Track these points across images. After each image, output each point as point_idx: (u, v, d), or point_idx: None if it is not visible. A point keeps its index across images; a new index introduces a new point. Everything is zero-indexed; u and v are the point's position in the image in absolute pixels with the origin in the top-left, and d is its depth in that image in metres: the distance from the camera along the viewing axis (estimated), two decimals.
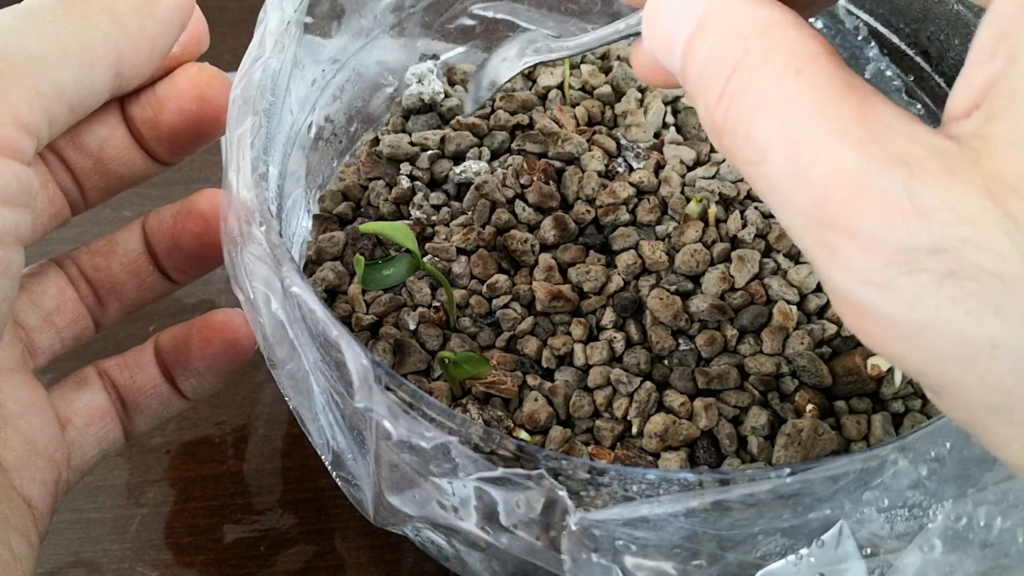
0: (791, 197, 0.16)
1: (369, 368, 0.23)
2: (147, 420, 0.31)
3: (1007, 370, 0.14)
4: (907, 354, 0.15)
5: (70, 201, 0.29)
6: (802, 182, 0.16)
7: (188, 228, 0.30)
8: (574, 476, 0.23)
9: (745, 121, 0.17)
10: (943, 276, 0.14)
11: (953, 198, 0.14)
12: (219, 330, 0.30)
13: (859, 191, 0.15)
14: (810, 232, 0.16)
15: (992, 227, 0.14)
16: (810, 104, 0.16)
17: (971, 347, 0.14)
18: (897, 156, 0.15)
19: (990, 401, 0.15)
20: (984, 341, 0.14)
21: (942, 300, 0.14)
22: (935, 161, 0.15)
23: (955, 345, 0.15)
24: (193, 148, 0.30)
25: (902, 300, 0.15)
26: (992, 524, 0.22)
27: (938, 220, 0.14)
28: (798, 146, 0.16)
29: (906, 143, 0.15)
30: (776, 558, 0.23)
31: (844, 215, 0.15)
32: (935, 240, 0.14)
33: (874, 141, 0.15)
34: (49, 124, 0.24)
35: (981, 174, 0.14)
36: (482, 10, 0.45)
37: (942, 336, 0.15)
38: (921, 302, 0.15)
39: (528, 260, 0.35)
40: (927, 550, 0.22)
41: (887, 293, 0.15)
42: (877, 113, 0.16)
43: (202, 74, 0.29)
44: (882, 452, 0.23)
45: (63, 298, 0.30)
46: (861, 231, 0.15)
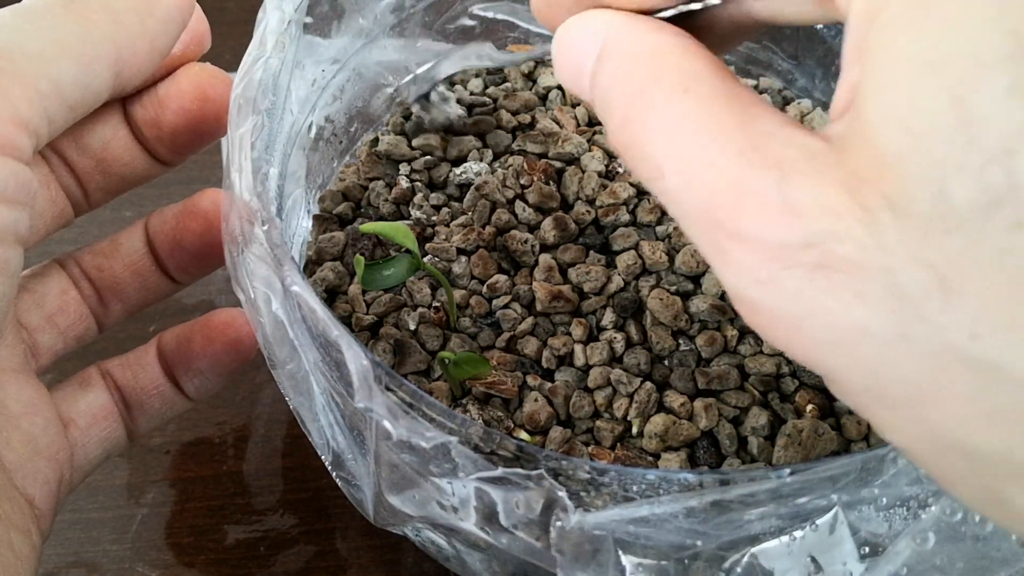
0: (685, 207, 0.18)
1: (369, 368, 0.23)
2: (150, 420, 0.31)
3: (875, 356, 0.15)
4: (793, 345, 0.16)
5: (72, 202, 0.29)
6: (692, 192, 0.17)
7: (190, 228, 0.30)
8: (574, 476, 0.23)
9: (642, 141, 0.18)
10: (814, 268, 0.15)
11: (820, 195, 0.15)
12: (221, 330, 0.30)
13: (740, 195, 0.16)
14: (703, 237, 0.17)
15: (852, 219, 0.15)
16: (695, 120, 0.17)
17: (843, 334, 0.15)
18: (772, 159, 0.16)
19: (866, 386, 0.16)
20: (853, 329, 0.15)
21: (816, 291, 0.15)
22: (805, 161, 0.16)
23: (830, 333, 0.15)
24: (195, 148, 0.30)
25: (783, 294, 0.16)
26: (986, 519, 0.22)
27: (807, 216, 0.15)
28: (687, 160, 0.17)
29: (781, 147, 0.16)
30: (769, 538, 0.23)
31: (729, 219, 0.16)
32: (806, 235, 0.15)
33: (752, 148, 0.17)
34: (48, 123, 0.24)
35: (843, 170, 0.15)
36: (482, 10, 0.45)
37: (819, 325, 0.16)
38: (799, 294, 0.16)
39: (528, 260, 0.35)
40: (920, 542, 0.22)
41: (770, 289, 0.16)
42: (757, 121, 0.17)
43: (204, 74, 0.29)
44: (882, 452, 0.23)
45: (65, 299, 0.30)
46: (744, 232, 0.16)
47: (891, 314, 0.15)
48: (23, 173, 0.23)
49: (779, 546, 0.22)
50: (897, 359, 0.15)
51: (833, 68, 0.41)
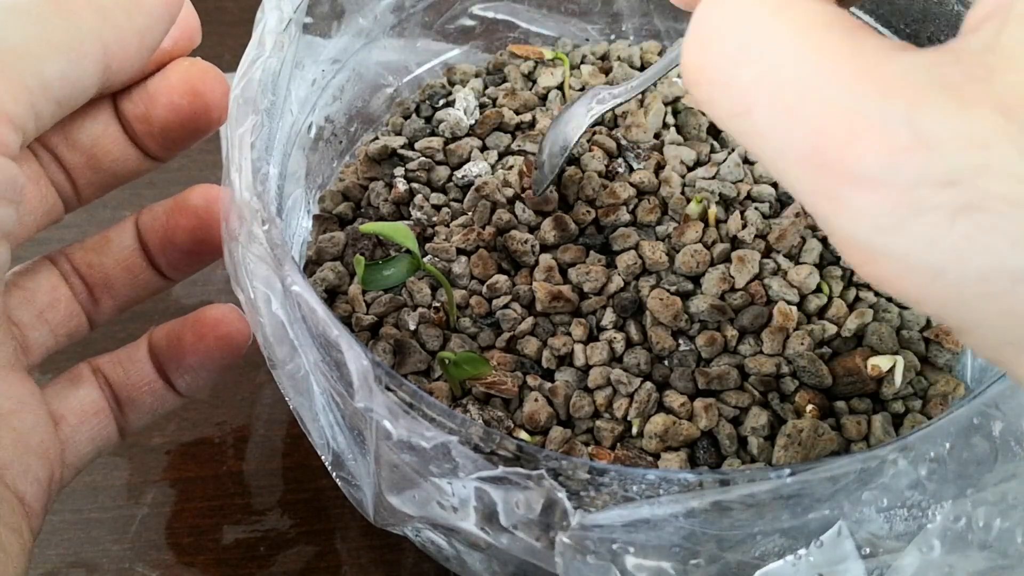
0: (783, 147, 0.15)
1: (369, 368, 0.23)
2: (141, 417, 0.31)
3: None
4: (926, 297, 0.14)
5: (63, 198, 0.29)
6: (793, 129, 0.15)
7: (181, 224, 0.30)
8: (574, 476, 0.23)
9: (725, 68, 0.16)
10: (956, 211, 0.13)
11: (961, 123, 0.13)
12: (212, 326, 0.30)
13: (855, 130, 0.14)
14: (808, 182, 0.15)
15: (1007, 149, 0.13)
16: (794, 44, 0.15)
17: (992, 284, 0.14)
18: (893, 87, 0.14)
19: (1014, 337, 0.14)
20: (1004, 276, 0.13)
21: (958, 238, 0.13)
22: (937, 86, 0.14)
23: (975, 284, 0.14)
24: (186, 143, 0.30)
25: (916, 242, 0.14)
26: (991, 525, 0.22)
27: (946, 150, 0.13)
28: (784, 91, 0.15)
29: (902, 72, 0.14)
30: (774, 558, 0.23)
31: (842, 159, 0.14)
32: (944, 172, 0.13)
33: (866, 74, 0.14)
34: (36, 118, 0.23)
35: (992, 91, 0.13)
36: (482, 10, 0.45)
37: (961, 276, 0.14)
38: (936, 243, 0.14)
39: (528, 261, 0.35)
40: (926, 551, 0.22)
41: (898, 237, 0.14)
42: (867, 45, 0.15)
43: (194, 69, 0.28)
44: (882, 452, 0.23)
45: (56, 295, 0.30)
46: (863, 174, 0.14)
47: None
48: (9, 168, 0.23)
49: (785, 566, 0.22)
50: None
51: None
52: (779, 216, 0.37)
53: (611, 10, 0.46)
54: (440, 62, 0.44)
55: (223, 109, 0.29)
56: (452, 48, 0.45)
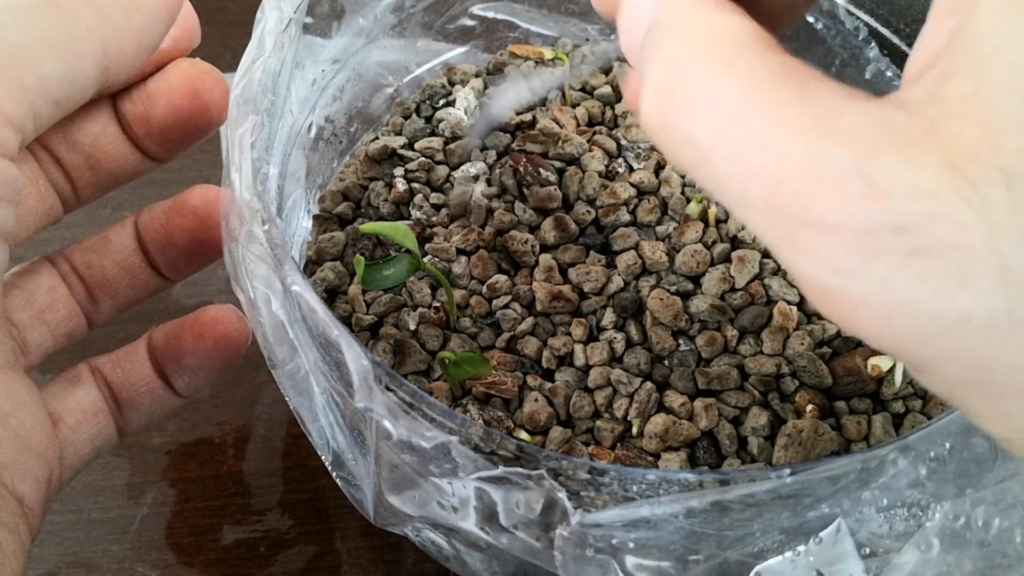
0: (743, 196, 0.16)
1: (369, 368, 0.23)
2: (140, 417, 0.31)
3: (978, 344, 0.14)
4: (881, 335, 0.15)
5: (62, 198, 0.29)
6: (751, 179, 0.16)
7: (180, 224, 0.30)
8: (574, 476, 0.23)
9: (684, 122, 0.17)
10: (908, 254, 0.14)
11: (909, 173, 0.14)
12: (211, 326, 0.30)
13: (810, 180, 0.15)
14: (768, 227, 0.16)
15: (954, 198, 0.13)
16: (746, 99, 0.16)
17: (942, 323, 0.14)
18: (844, 137, 0.15)
19: (967, 376, 0.15)
20: (954, 317, 0.14)
21: (910, 279, 0.14)
22: (886, 136, 0.14)
23: (927, 323, 0.14)
24: (185, 144, 0.30)
25: (871, 283, 0.14)
26: (990, 523, 0.22)
27: (896, 198, 0.14)
28: (740, 144, 0.16)
29: (853, 122, 0.15)
30: (774, 554, 0.23)
31: (799, 207, 0.15)
32: (895, 219, 0.14)
33: (818, 125, 0.15)
34: (34, 119, 0.23)
35: (938, 143, 0.14)
36: (482, 10, 0.45)
37: (914, 315, 0.14)
38: (890, 283, 0.14)
39: (528, 261, 0.35)
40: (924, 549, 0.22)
41: (855, 278, 0.15)
42: (818, 95, 0.15)
43: (193, 69, 0.28)
44: (882, 452, 0.23)
45: (55, 295, 0.30)
46: (819, 220, 0.15)
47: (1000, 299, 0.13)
48: (8, 169, 0.23)
49: (783, 562, 0.22)
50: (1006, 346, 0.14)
51: (833, 68, 0.41)
52: None
53: None
54: (440, 62, 0.44)
55: (222, 109, 0.29)
56: (452, 48, 0.45)
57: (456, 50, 0.45)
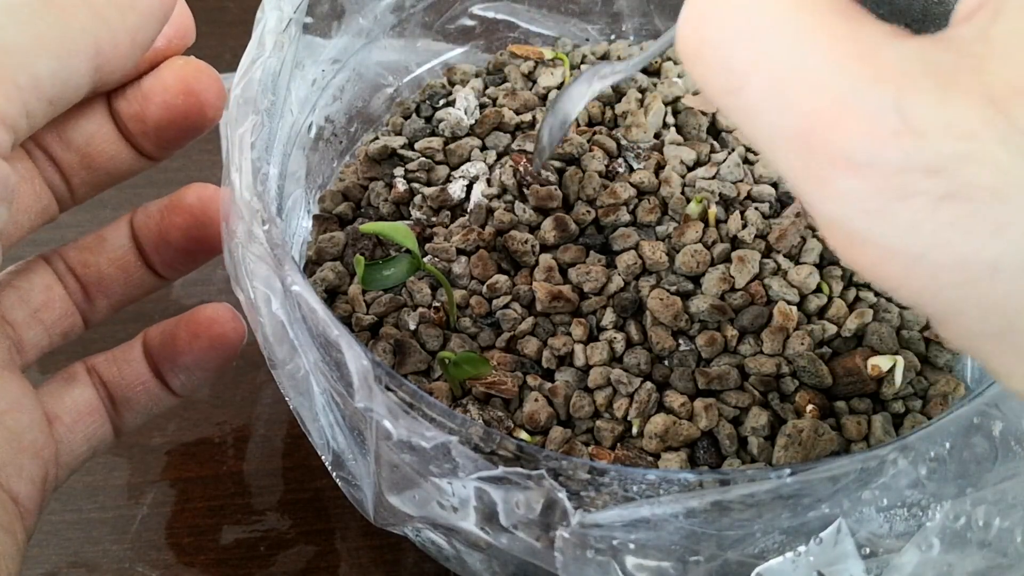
0: (773, 127, 0.15)
1: (369, 368, 0.23)
2: (136, 416, 0.31)
3: (1008, 294, 0.14)
4: (905, 283, 0.15)
5: (57, 197, 0.29)
6: (784, 109, 0.15)
7: (175, 223, 0.30)
8: (574, 476, 0.23)
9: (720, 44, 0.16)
10: (940, 198, 0.13)
11: (948, 112, 0.13)
12: (206, 325, 0.30)
13: (845, 113, 0.14)
14: (796, 162, 0.15)
15: (992, 139, 0.13)
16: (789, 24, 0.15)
17: (971, 272, 0.14)
18: (885, 73, 0.14)
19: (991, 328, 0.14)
20: (984, 264, 0.13)
21: (939, 224, 0.14)
22: (928, 74, 0.14)
23: (954, 271, 0.14)
24: (180, 142, 0.29)
25: (897, 227, 0.14)
26: (990, 523, 0.22)
27: (932, 137, 0.13)
28: (778, 71, 0.15)
29: (894, 58, 0.14)
30: (774, 555, 0.23)
31: (831, 140, 0.14)
32: (930, 159, 0.13)
33: (859, 59, 0.14)
34: (28, 117, 0.23)
35: (982, 81, 0.13)
36: (482, 10, 0.45)
37: (941, 262, 0.14)
38: (917, 227, 0.14)
39: (529, 261, 0.35)
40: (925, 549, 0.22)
41: (881, 220, 0.14)
42: (863, 29, 0.15)
43: (188, 67, 0.28)
44: (882, 452, 0.23)
45: (50, 294, 0.30)
46: (851, 156, 0.14)
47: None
48: (1, 168, 0.23)
49: (784, 562, 0.22)
50: None
51: None
52: (779, 216, 0.37)
53: (611, 10, 0.46)
54: (440, 62, 0.44)
55: (218, 108, 0.29)
56: (452, 48, 0.45)
57: (456, 50, 0.45)
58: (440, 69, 0.44)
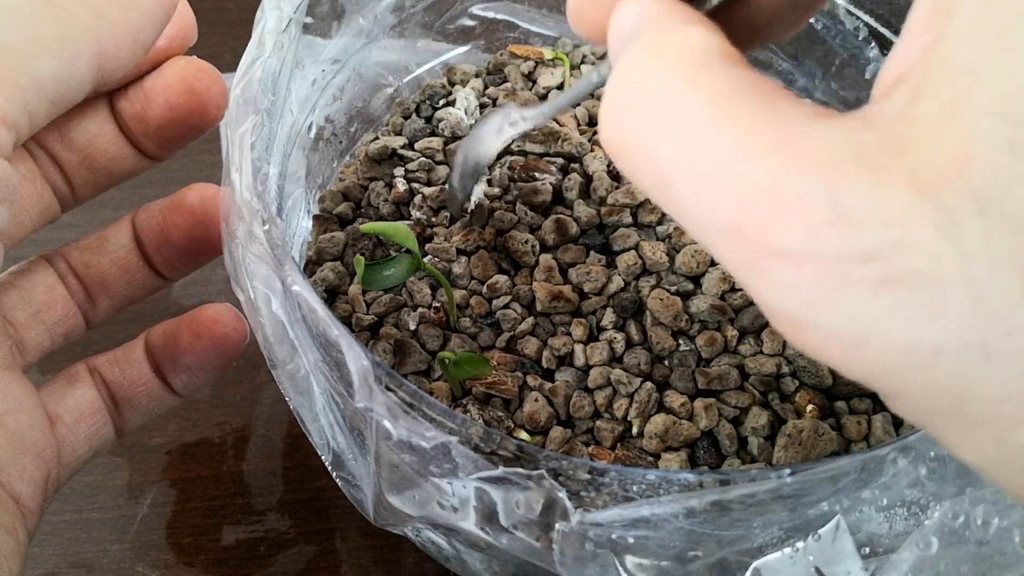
0: (705, 221, 0.15)
1: (369, 368, 0.23)
2: (138, 417, 0.31)
3: (950, 376, 0.13)
4: (851, 366, 0.15)
5: (59, 197, 0.29)
6: (714, 204, 0.15)
7: (177, 223, 0.30)
8: (574, 476, 0.23)
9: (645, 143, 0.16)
10: (878, 285, 0.13)
11: (879, 199, 0.13)
12: (208, 325, 0.30)
13: (776, 205, 0.14)
14: (731, 254, 0.15)
15: (924, 225, 0.13)
16: (708, 117, 0.15)
17: (913, 357, 0.14)
18: (811, 160, 0.14)
19: (937, 407, 0.14)
20: (925, 350, 0.13)
21: (879, 312, 0.13)
22: (854, 159, 0.14)
23: (897, 356, 0.14)
24: (182, 142, 0.29)
25: (839, 315, 0.14)
26: (989, 523, 0.22)
27: (865, 226, 0.13)
28: (703, 166, 0.15)
29: (820, 143, 0.14)
30: (772, 550, 0.23)
31: (765, 234, 0.14)
32: (866, 248, 0.13)
33: (784, 147, 0.14)
34: (29, 117, 0.23)
35: (909, 166, 0.13)
36: (482, 11, 0.45)
37: (884, 347, 0.14)
38: (859, 315, 0.14)
39: (529, 261, 0.35)
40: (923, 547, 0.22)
41: (823, 309, 0.14)
42: (784, 114, 0.15)
43: (190, 67, 0.28)
44: (882, 452, 0.23)
45: (52, 295, 0.30)
46: (786, 248, 0.14)
47: (973, 331, 0.13)
48: (2, 168, 0.23)
49: (782, 558, 0.22)
50: (979, 378, 0.13)
51: (833, 68, 0.41)
52: None
53: None
54: (440, 62, 0.44)
55: (219, 108, 0.29)
56: (452, 48, 0.45)
57: (456, 50, 0.45)
58: (440, 69, 0.44)
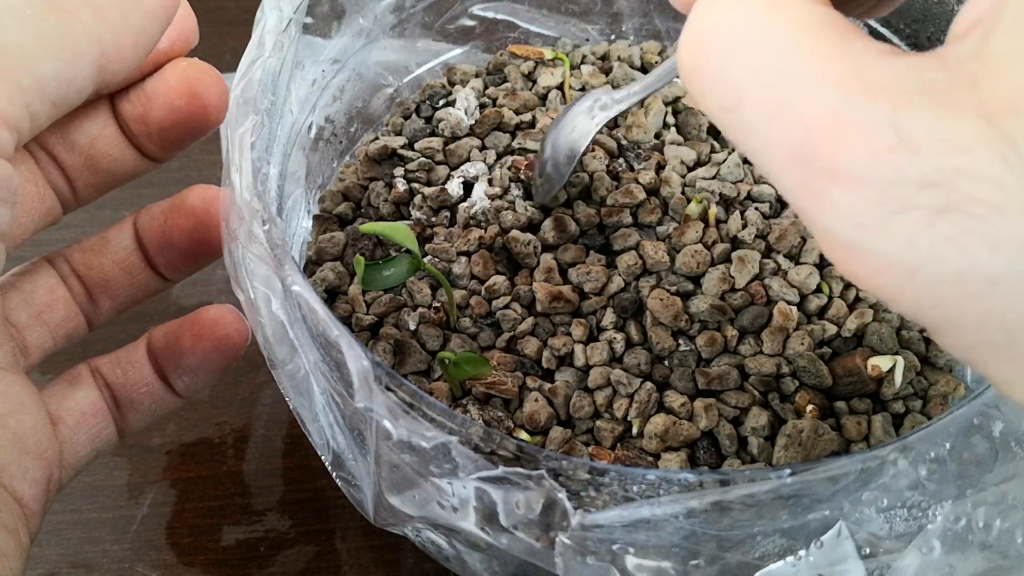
0: (770, 143, 0.16)
1: (369, 368, 0.23)
2: (140, 418, 0.31)
3: (1007, 306, 0.14)
4: (903, 295, 0.15)
5: (61, 199, 0.29)
6: (781, 125, 0.15)
7: (179, 224, 0.30)
8: (574, 476, 0.23)
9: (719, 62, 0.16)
10: (936, 212, 0.14)
11: (943, 127, 0.14)
12: (210, 327, 0.30)
13: (841, 129, 0.15)
14: (793, 177, 0.15)
15: (988, 154, 0.13)
16: (785, 42, 0.16)
17: (969, 285, 0.14)
18: (880, 89, 0.14)
19: (991, 339, 0.14)
20: (982, 278, 0.14)
21: (936, 238, 0.14)
22: (922, 90, 0.14)
23: (952, 284, 0.14)
24: (183, 144, 0.29)
25: (894, 241, 0.14)
26: (991, 525, 0.22)
27: (927, 152, 0.14)
28: (774, 87, 0.16)
29: (889, 75, 0.15)
30: (775, 559, 0.23)
31: (827, 155, 0.15)
32: (925, 174, 0.14)
33: (854, 76, 0.15)
34: (31, 119, 0.23)
35: (977, 97, 0.14)
36: (482, 11, 0.45)
37: (938, 276, 0.14)
38: (914, 241, 0.14)
39: (531, 262, 0.35)
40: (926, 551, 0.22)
41: (878, 234, 0.14)
42: (857, 47, 0.15)
43: (191, 69, 0.28)
44: (882, 453, 0.23)
45: (54, 296, 0.30)
46: (846, 171, 0.14)
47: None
48: (4, 169, 0.23)
49: (785, 567, 0.22)
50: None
51: None
52: (779, 216, 0.37)
53: (611, 10, 0.46)
54: (440, 62, 0.44)
55: (221, 110, 0.29)
56: (452, 48, 0.45)
57: (456, 50, 0.45)
58: (440, 69, 0.44)
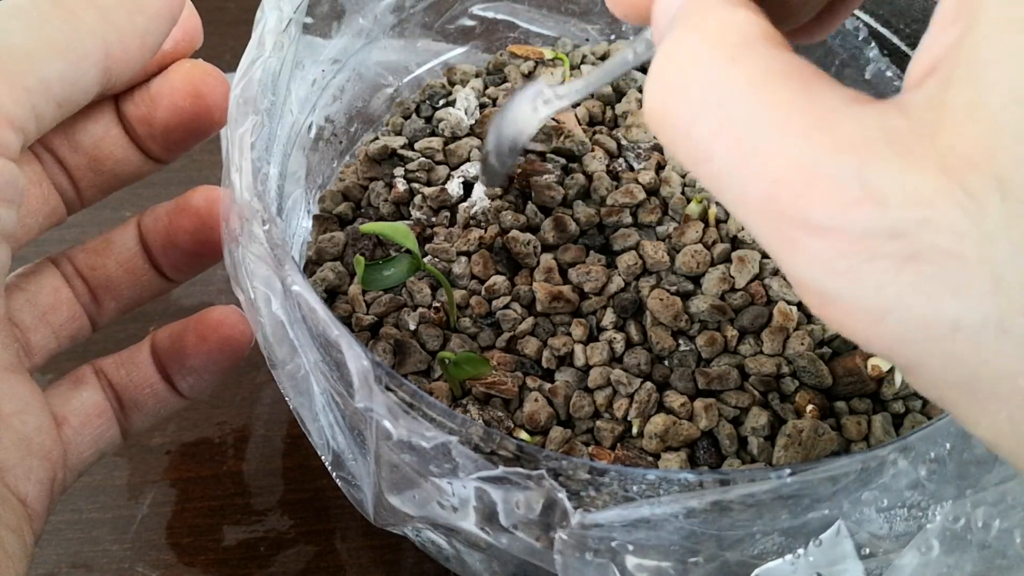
0: (742, 194, 0.16)
1: (369, 368, 0.23)
2: (144, 419, 0.31)
3: (969, 350, 0.14)
4: (872, 338, 0.15)
5: (65, 200, 0.29)
6: (750, 178, 0.16)
7: (183, 225, 0.30)
8: (574, 476, 0.23)
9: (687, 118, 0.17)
10: (902, 261, 0.14)
11: (906, 180, 0.14)
12: (214, 327, 0.30)
13: (810, 181, 0.15)
14: (766, 227, 0.16)
15: (949, 206, 0.14)
16: (749, 97, 0.16)
17: (933, 330, 0.14)
18: (845, 141, 0.15)
19: (955, 380, 0.15)
20: (945, 324, 0.14)
21: (903, 286, 0.14)
22: (886, 142, 0.15)
23: (918, 329, 0.15)
24: (188, 145, 0.30)
25: (864, 287, 0.15)
26: (990, 525, 0.22)
27: (893, 204, 0.14)
28: (742, 142, 0.16)
29: (854, 126, 0.15)
30: (773, 557, 0.23)
31: (797, 208, 0.15)
32: (892, 225, 0.14)
33: (819, 128, 0.15)
34: (36, 120, 0.23)
35: (935, 150, 0.14)
36: (482, 11, 0.45)
37: (905, 321, 0.15)
38: (883, 288, 0.15)
39: (531, 262, 0.35)
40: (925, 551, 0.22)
41: (849, 281, 0.15)
42: (821, 97, 0.16)
43: (196, 70, 0.28)
44: (882, 453, 0.23)
45: (58, 297, 0.30)
46: (817, 222, 0.15)
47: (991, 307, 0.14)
48: (10, 170, 0.23)
49: (783, 565, 0.22)
50: (994, 354, 0.14)
51: (833, 68, 0.41)
52: None
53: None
54: (440, 62, 0.44)
55: (224, 110, 0.29)
56: (452, 48, 0.45)
57: (456, 50, 0.45)
58: (440, 69, 0.44)
